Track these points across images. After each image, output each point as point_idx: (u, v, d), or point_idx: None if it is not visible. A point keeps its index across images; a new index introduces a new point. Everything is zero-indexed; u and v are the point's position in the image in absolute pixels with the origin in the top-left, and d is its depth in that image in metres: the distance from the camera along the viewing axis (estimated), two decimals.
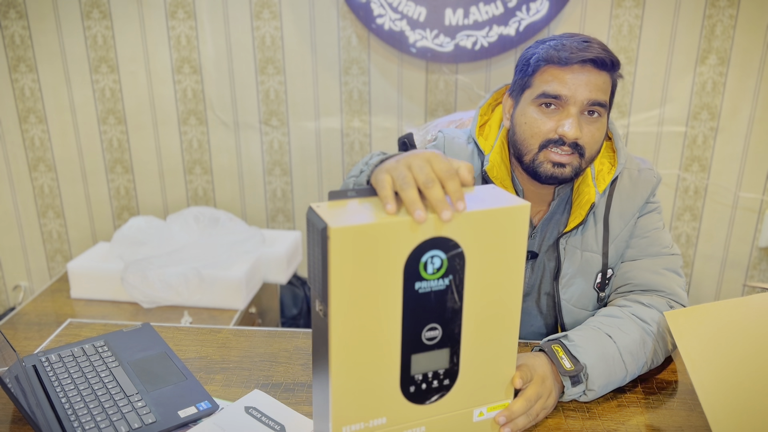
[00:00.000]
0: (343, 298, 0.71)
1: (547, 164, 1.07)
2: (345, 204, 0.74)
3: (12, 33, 2.23)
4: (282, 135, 2.31)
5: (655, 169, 1.18)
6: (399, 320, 0.74)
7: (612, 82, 1.08)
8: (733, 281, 2.35)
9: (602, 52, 1.04)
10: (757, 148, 2.18)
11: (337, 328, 0.72)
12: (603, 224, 1.15)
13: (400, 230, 0.70)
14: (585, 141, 1.06)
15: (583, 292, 1.17)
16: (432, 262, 0.73)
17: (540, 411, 0.92)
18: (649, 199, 1.18)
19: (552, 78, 1.05)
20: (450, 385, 0.80)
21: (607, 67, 1.05)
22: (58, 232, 2.48)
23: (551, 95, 1.05)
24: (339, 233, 0.67)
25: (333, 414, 0.76)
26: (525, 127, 1.09)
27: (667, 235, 1.18)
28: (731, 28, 2.06)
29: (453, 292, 0.75)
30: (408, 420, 0.79)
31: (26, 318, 1.83)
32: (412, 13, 2.06)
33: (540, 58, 1.07)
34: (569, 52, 1.03)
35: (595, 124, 1.07)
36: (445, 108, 2.23)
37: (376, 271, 0.71)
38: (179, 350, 1.13)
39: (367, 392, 0.76)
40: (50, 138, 2.35)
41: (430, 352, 0.77)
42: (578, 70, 1.04)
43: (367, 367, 0.75)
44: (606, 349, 0.99)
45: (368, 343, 0.74)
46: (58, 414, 0.92)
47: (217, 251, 1.91)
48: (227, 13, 2.17)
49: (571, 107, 1.04)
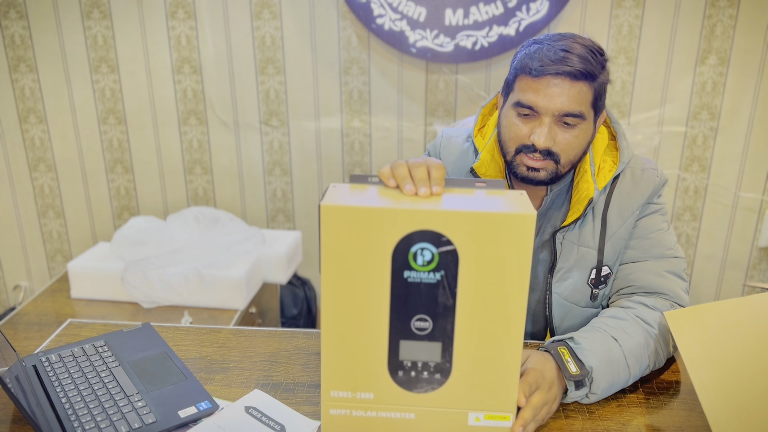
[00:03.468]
0: (333, 272, 0.76)
1: (522, 167, 1.10)
2: (362, 188, 0.81)
3: (12, 33, 2.23)
4: (282, 135, 2.31)
5: (659, 170, 1.18)
6: (387, 304, 0.78)
7: (593, 89, 1.06)
8: (733, 281, 2.35)
9: (579, 63, 1.02)
10: (757, 148, 2.18)
11: (328, 299, 0.78)
12: (601, 220, 1.15)
13: (389, 217, 0.74)
14: (559, 148, 1.07)
15: (576, 286, 1.17)
16: (422, 254, 0.75)
17: (547, 416, 0.92)
18: (653, 200, 1.17)
19: (527, 88, 1.06)
20: (443, 380, 0.81)
21: (584, 77, 1.03)
22: (58, 232, 2.48)
23: (525, 105, 1.06)
24: (329, 210, 0.74)
25: (323, 377, 0.82)
26: (505, 129, 1.12)
27: (671, 237, 1.17)
28: (731, 28, 2.06)
29: (445, 288, 0.76)
30: (396, 403, 0.82)
31: (26, 318, 1.83)
32: (412, 13, 2.06)
33: (517, 66, 1.08)
34: (542, 64, 1.03)
35: (572, 131, 1.07)
36: (445, 108, 2.23)
37: (365, 253, 0.75)
38: (179, 350, 1.13)
39: (354, 365, 0.81)
40: (50, 138, 2.35)
41: (420, 342, 0.79)
42: (551, 82, 1.03)
43: (355, 341, 0.80)
44: (611, 352, 0.99)
45: (357, 319, 0.79)
46: (58, 414, 0.92)
47: (217, 251, 1.91)
48: (227, 13, 2.17)
49: (545, 117, 1.05)
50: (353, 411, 0.83)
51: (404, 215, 0.74)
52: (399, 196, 0.78)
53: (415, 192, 0.79)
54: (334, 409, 0.83)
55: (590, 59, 1.03)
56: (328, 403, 0.83)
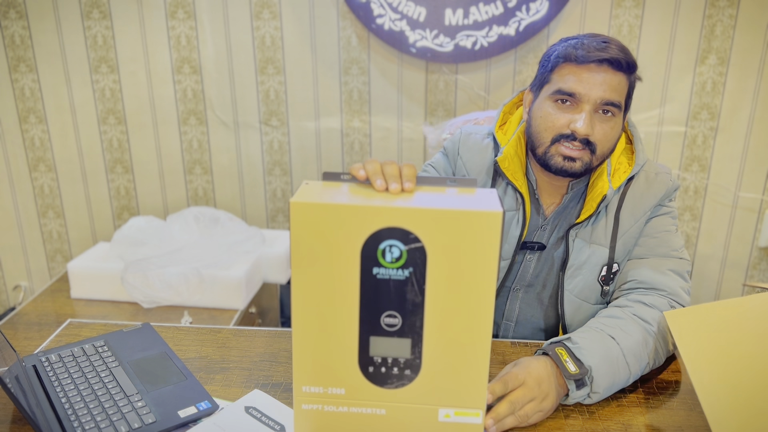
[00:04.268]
0: (303, 268, 0.77)
1: (558, 157, 1.11)
2: (334, 185, 0.82)
3: (12, 33, 2.23)
4: (282, 135, 2.31)
5: (672, 175, 1.21)
6: (357, 300, 0.79)
7: (629, 83, 1.10)
8: (733, 281, 2.35)
9: (620, 53, 1.06)
10: (757, 148, 2.18)
11: (298, 295, 0.79)
12: (614, 219, 1.17)
13: (358, 214, 0.75)
14: (596, 138, 1.09)
15: (587, 283, 1.18)
16: (390, 251, 0.76)
17: (533, 413, 0.92)
18: (664, 202, 1.19)
19: (569, 75, 1.08)
20: (413, 376, 0.82)
21: (624, 68, 1.07)
22: (58, 232, 2.49)
23: (566, 92, 1.08)
24: (299, 207, 0.75)
25: (294, 372, 0.82)
26: (540, 120, 1.12)
27: (677, 239, 1.18)
28: (731, 28, 2.06)
29: (413, 285, 0.77)
30: (367, 398, 0.83)
31: (26, 318, 1.83)
32: (412, 13, 2.06)
33: (559, 55, 1.10)
34: (586, 51, 1.06)
35: (609, 123, 1.10)
36: (445, 108, 2.23)
37: (334, 249, 0.76)
38: (179, 350, 1.13)
39: (326, 360, 0.82)
40: (50, 138, 2.35)
41: (389, 338, 0.80)
42: (594, 69, 1.07)
43: (325, 337, 0.80)
44: (610, 351, 0.99)
45: (327, 315, 0.79)
46: (58, 414, 0.92)
47: (217, 251, 1.91)
48: (227, 13, 2.17)
49: (585, 104, 1.07)
50: (325, 406, 0.84)
51: (373, 212, 0.75)
52: (369, 193, 0.79)
53: (386, 187, 0.80)
54: (306, 404, 0.84)
55: (628, 52, 1.08)
56: (300, 398, 0.84)
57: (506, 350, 1.14)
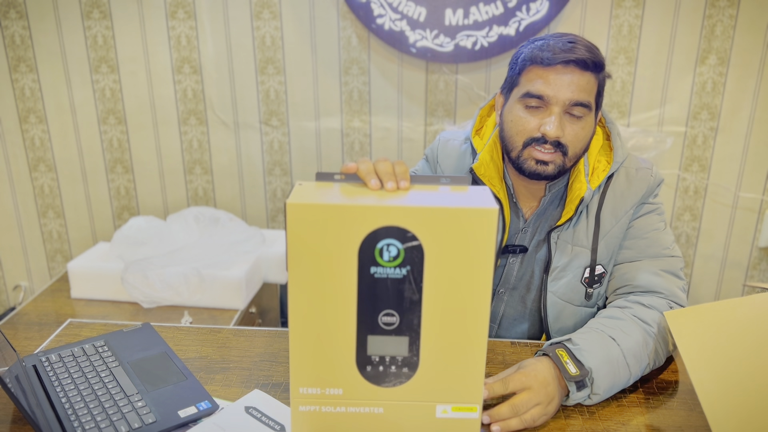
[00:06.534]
0: (300, 269, 0.77)
1: (530, 161, 1.10)
2: (327, 186, 0.82)
3: (12, 33, 2.23)
4: (282, 135, 2.31)
5: (654, 170, 1.19)
6: (354, 300, 0.79)
7: (598, 82, 1.09)
8: (733, 281, 2.35)
9: (586, 53, 1.05)
10: (757, 148, 2.18)
11: (295, 296, 0.78)
12: (594, 220, 1.16)
13: (355, 214, 0.75)
14: (568, 140, 1.08)
15: (570, 285, 1.18)
16: (388, 250, 0.76)
17: (539, 417, 0.92)
18: (647, 200, 1.18)
19: (536, 78, 1.07)
20: (410, 373, 0.82)
21: (591, 67, 1.06)
22: (58, 232, 2.49)
23: (535, 95, 1.07)
24: (294, 209, 0.75)
25: (292, 374, 0.82)
26: (511, 124, 1.12)
27: (667, 236, 1.17)
28: (731, 28, 2.06)
29: (411, 283, 0.77)
30: (365, 398, 0.83)
31: (26, 318, 1.83)
32: (412, 13, 2.06)
33: (526, 57, 1.09)
34: (553, 53, 1.05)
35: (579, 123, 1.09)
36: (445, 108, 2.23)
37: (331, 250, 0.76)
38: (179, 350, 1.13)
39: (323, 361, 0.81)
40: (50, 138, 2.35)
41: (387, 337, 0.80)
42: (561, 70, 1.05)
43: (323, 337, 0.80)
44: (610, 352, 0.99)
45: (324, 315, 0.79)
46: (58, 414, 0.92)
47: (217, 251, 1.91)
48: (227, 13, 2.17)
49: (554, 107, 1.07)
50: (322, 407, 0.84)
51: (369, 212, 0.75)
52: (364, 193, 0.79)
53: (380, 186, 0.80)
54: (303, 405, 0.84)
55: (595, 51, 1.07)
56: (297, 399, 0.84)
57: (506, 350, 1.14)
